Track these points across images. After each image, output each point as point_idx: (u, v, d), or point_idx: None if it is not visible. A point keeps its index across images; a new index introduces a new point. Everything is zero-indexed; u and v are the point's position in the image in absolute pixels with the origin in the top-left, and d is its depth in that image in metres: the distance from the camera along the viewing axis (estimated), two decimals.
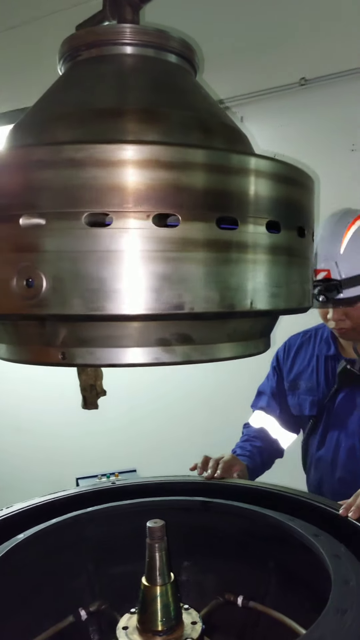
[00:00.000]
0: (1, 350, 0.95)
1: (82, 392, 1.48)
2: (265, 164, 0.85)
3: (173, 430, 3.81)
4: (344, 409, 2.35)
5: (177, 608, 1.39)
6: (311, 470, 2.51)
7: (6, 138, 0.97)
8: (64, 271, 0.76)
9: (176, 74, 1.02)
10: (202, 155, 0.78)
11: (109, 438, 3.93)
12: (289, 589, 1.64)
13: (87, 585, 1.74)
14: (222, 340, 0.89)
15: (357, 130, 3.22)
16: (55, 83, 1.03)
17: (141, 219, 0.74)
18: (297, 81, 3.21)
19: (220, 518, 1.82)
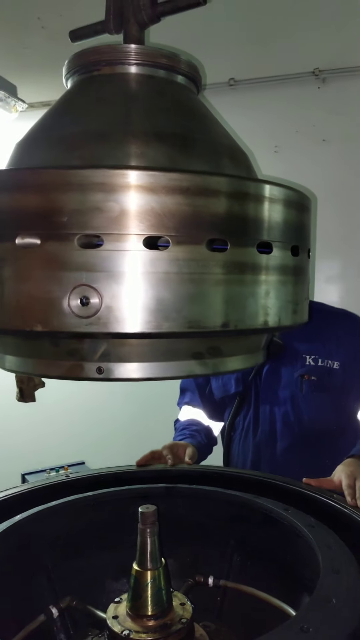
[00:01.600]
0: (31, 365, 0.96)
1: (18, 384, 1.49)
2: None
3: (117, 422, 3.84)
4: (272, 380, 2.51)
5: (169, 592, 1.45)
6: (245, 451, 2.61)
7: (27, 150, 0.98)
8: (121, 291, 0.81)
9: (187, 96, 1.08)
10: (253, 186, 0.86)
11: (52, 431, 3.87)
12: (255, 565, 1.76)
13: (48, 583, 1.73)
14: (242, 352, 0.98)
15: (280, 132, 3.42)
16: (74, 97, 1.05)
17: (197, 244, 0.80)
18: (226, 81, 3.32)
19: (183, 502, 1.91)
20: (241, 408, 2.58)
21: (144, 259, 0.81)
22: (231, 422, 2.62)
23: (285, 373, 2.50)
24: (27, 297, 0.83)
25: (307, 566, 1.48)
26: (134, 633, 1.36)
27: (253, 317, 0.90)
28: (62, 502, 1.80)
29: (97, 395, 3.76)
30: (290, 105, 3.43)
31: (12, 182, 0.84)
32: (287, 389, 2.48)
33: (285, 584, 1.63)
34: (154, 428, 3.06)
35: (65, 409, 3.73)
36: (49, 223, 0.80)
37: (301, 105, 3.41)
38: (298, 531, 1.55)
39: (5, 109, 3.27)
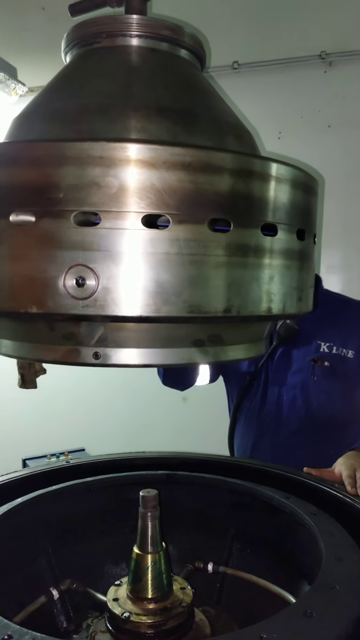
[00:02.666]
0: (27, 349, 0.94)
1: (20, 370, 1.47)
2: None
3: (118, 409, 3.84)
4: (283, 364, 2.50)
5: (169, 575, 1.44)
6: (248, 433, 2.61)
7: (25, 124, 0.95)
8: (119, 272, 0.78)
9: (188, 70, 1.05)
10: (258, 164, 0.83)
11: (53, 418, 3.87)
12: (255, 552, 1.76)
13: (48, 566, 1.74)
14: (244, 341, 0.95)
15: (284, 118, 3.36)
16: (73, 70, 1.02)
17: (198, 223, 0.77)
18: (229, 64, 3.26)
19: (184, 489, 1.90)
20: (250, 388, 2.56)
21: (143, 238, 0.78)
22: (238, 402, 2.60)
23: (297, 357, 2.48)
24: (21, 277, 0.80)
25: (308, 554, 1.48)
26: (134, 615, 1.36)
27: (256, 303, 0.87)
28: (62, 487, 1.80)
29: (97, 383, 3.76)
30: (295, 90, 3.37)
31: (5, 156, 0.81)
32: (298, 373, 2.46)
33: (285, 572, 1.62)
34: (154, 416, 3.06)
35: (66, 396, 3.73)
36: (44, 199, 0.77)
37: (306, 90, 3.35)
38: (299, 519, 1.54)
39: (5, 91, 3.21)
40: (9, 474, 1.88)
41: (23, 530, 1.65)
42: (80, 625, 1.55)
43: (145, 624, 1.35)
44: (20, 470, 1.97)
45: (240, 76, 3.32)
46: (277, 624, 1.06)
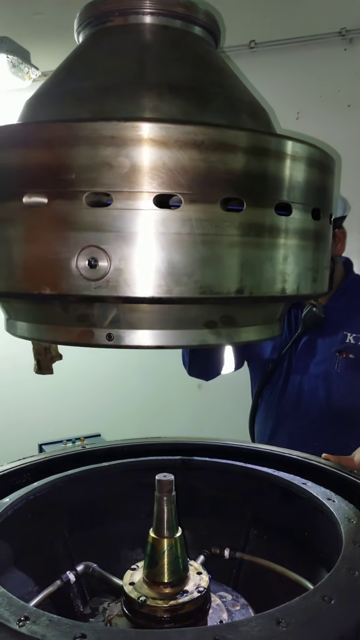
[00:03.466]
0: (41, 330, 0.94)
1: (36, 356, 1.47)
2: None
3: (133, 395, 3.85)
4: (307, 353, 2.47)
5: (185, 560, 1.44)
6: (267, 420, 2.61)
7: (37, 106, 0.94)
8: (131, 253, 0.76)
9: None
10: (272, 142, 0.80)
11: (69, 404, 3.90)
12: (272, 538, 1.75)
13: (64, 551, 1.75)
14: (258, 322, 0.93)
15: (302, 98, 3.29)
16: (85, 50, 1.00)
17: (211, 203, 0.75)
18: (246, 44, 3.20)
19: (200, 474, 1.89)
20: (272, 376, 2.55)
21: (155, 218, 0.76)
22: (259, 389, 2.59)
23: (322, 347, 2.45)
24: (34, 258, 0.80)
25: (326, 540, 1.46)
26: (151, 600, 1.36)
27: (270, 284, 0.85)
28: (78, 472, 1.81)
29: (113, 369, 3.77)
30: (314, 69, 3.30)
31: (18, 138, 0.80)
32: (321, 363, 2.44)
33: (302, 558, 1.61)
34: (169, 401, 3.05)
35: (82, 382, 3.74)
36: (56, 180, 0.76)
37: (325, 69, 3.27)
38: (317, 505, 1.52)
39: (19, 75, 3.20)
40: (25, 459, 1.89)
41: (40, 514, 1.66)
42: (96, 609, 1.56)
43: (161, 608, 1.35)
44: (37, 455, 1.98)
45: (257, 56, 3.25)
46: (295, 609, 1.05)
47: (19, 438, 3.48)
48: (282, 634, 0.98)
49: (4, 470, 1.77)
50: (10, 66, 3.20)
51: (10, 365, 3.80)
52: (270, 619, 1.03)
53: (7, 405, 4.23)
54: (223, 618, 1.45)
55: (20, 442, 3.05)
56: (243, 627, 1.02)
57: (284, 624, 1.01)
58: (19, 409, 4.17)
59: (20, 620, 1.02)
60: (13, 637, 0.99)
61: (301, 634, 0.99)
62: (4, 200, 0.81)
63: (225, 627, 1.02)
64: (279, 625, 1.01)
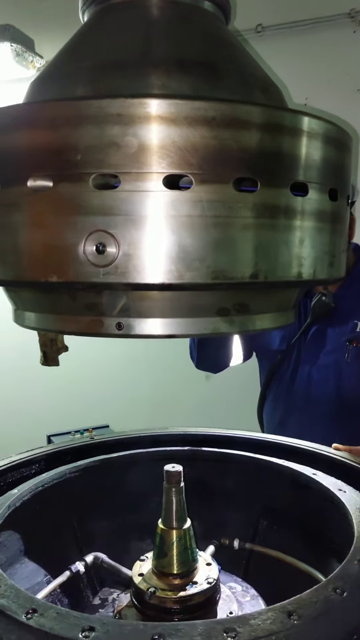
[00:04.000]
0: (49, 320, 0.91)
1: (42, 348, 1.45)
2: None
3: (141, 386, 3.83)
4: (317, 342, 2.42)
5: (195, 551, 1.43)
6: (275, 410, 2.57)
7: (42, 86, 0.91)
8: (140, 237, 0.73)
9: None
10: (286, 117, 0.77)
11: (77, 395, 3.89)
12: (282, 529, 1.73)
13: (74, 541, 1.75)
14: (272, 310, 0.90)
15: (310, 83, 3.24)
16: (90, 28, 0.97)
17: (223, 183, 0.72)
18: (253, 28, 3.14)
19: (208, 465, 1.88)
20: (281, 366, 2.51)
21: (164, 200, 0.73)
22: (267, 380, 2.56)
23: (332, 337, 2.40)
24: (40, 245, 0.77)
25: (337, 531, 1.44)
26: (160, 591, 1.35)
27: (285, 268, 0.82)
28: (87, 463, 1.80)
29: (121, 360, 3.75)
30: (322, 53, 3.22)
31: (20, 118, 0.77)
32: (332, 353, 2.39)
33: (313, 549, 1.60)
34: (177, 392, 3.04)
35: (89, 373, 3.73)
36: (61, 162, 0.73)
37: (334, 52, 3.20)
38: (328, 495, 1.50)
39: (23, 64, 3.16)
40: (34, 450, 1.88)
41: (49, 505, 1.65)
42: (105, 599, 1.55)
43: (171, 599, 1.34)
44: (45, 446, 1.98)
45: (265, 40, 3.19)
46: (307, 602, 1.03)
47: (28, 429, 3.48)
48: (294, 627, 0.97)
49: (13, 462, 1.76)
50: (15, 55, 3.16)
51: (18, 357, 3.79)
52: (281, 612, 1.01)
53: (16, 396, 4.23)
54: (233, 609, 1.43)
55: (28, 434, 3.05)
56: (254, 619, 1.00)
57: (295, 616, 0.99)
58: (27, 401, 4.17)
59: (28, 612, 1.01)
60: (20, 629, 0.98)
61: (313, 627, 0.97)
62: (8, 184, 0.78)
63: (235, 620, 1.00)
64: (291, 618, 0.99)
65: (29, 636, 0.97)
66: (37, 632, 0.97)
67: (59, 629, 0.97)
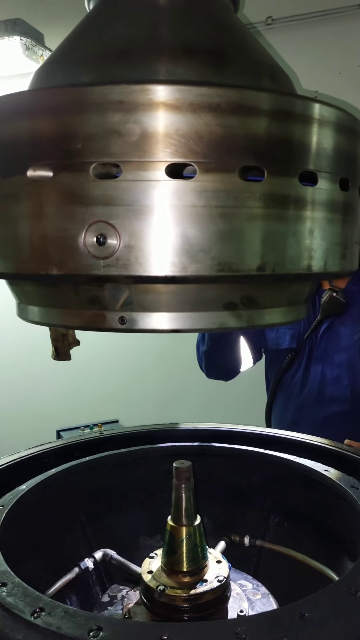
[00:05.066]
0: (52, 315, 0.90)
1: (54, 343, 1.44)
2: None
3: (150, 381, 3.82)
4: (328, 340, 2.37)
5: (204, 548, 1.41)
6: (286, 409, 2.53)
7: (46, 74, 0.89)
8: (142, 228, 0.71)
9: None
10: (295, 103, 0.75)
11: (87, 390, 3.89)
12: (293, 526, 1.71)
13: (83, 537, 1.74)
14: (282, 304, 0.88)
15: (321, 75, 3.19)
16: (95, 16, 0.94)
17: (228, 172, 0.70)
18: (263, 20, 3.11)
19: (218, 460, 1.86)
20: (292, 365, 2.47)
21: (168, 190, 0.71)
22: (278, 378, 2.51)
23: (344, 334, 2.34)
24: (40, 236, 0.75)
25: (350, 528, 1.43)
26: (169, 589, 1.33)
27: (294, 260, 0.79)
28: (96, 458, 1.79)
29: (131, 355, 3.74)
30: (333, 45, 3.18)
31: (19, 107, 0.75)
32: (344, 351, 2.33)
33: (324, 546, 1.58)
34: (186, 388, 3.02)
35: (99, 368, 3.72)
36: (61, 151, 0.71)
37: (345, 44, 3.16)
38: (340, 492, 1.48)
39: (32, 58, 3.14)
40: (43, 445, 1.87)
41: (58, 501, 1.65)
42: (114, 597, 1.54)
43: (180, 597, 1.32)
44: (55, 441, 1.97)
45: (274, 32, 3.15)
46: (320, 602, 1.01)
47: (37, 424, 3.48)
48: (307, 628, 0.94)
49: (22, 457, 1.75)
50: (24, 49, 3.15)
51: (28, 351, 3.80)
52: (294, 612, 0.99)
53: (25, 391, 4.25)
54: (243, 607, 1.41)
55: (38, 429, 3.05)
56: (266, 619, 0.98)
57: (308, 617, 0.97)
58: (36, 396, 4.18)
59: (35, 611, 1.00)
60: (27, 628, 0.97)
61: (326, 628, 0.95)
62: (7, 174, 0.77)
63: (247, 620, 0.97)
64: (303, 618, 0.97)
65: (36, 635, 0.95)
66: (45, 631, 0.95)
67: (67, 629, 0.96)
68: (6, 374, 4.32)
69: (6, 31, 3.05)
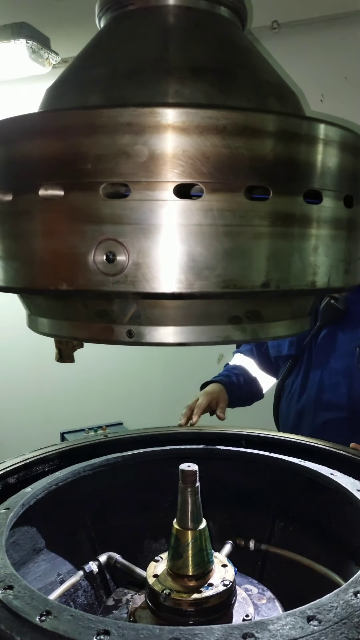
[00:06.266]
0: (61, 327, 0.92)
1: (57, 345, 1.45)
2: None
3: (155, 384, 3.84)
4: (327, 347, 2.38)
5: (210, 552, 1.41)
6: (288, 414, 2.56)
7: (57, 94, 0.91)
8: (150, 246, 0.73)
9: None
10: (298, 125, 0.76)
11: (91, 392, 3.90)
12: (298, 530, 1.72)
13: (87, 540, 1.76)
14: (286, 317, 0.89)
15: (326, 80, 3.20)
16: (105, 36, 0.96)
17: (234, 192, 0.71)
18: (268, 25, 3.12)
19: (224, 464, 1.87)
20: (292, 371, 2.50)
21: (175, 209, 0.73)
22: (281, 383, 2.55)
23: (342, 341, 2.35)
24: (51, 253, 0.78)
25: (355, 533, 1.43)
26: (175, 593, 1.34)
27: (298, 277, 0.81)
28: (101, 461, 1.80)
29: (136, 357, 3.76)
30: (338, 49, 3.18)
31: (31, 128, 0.77)
32: (342, 358, 2.34)
33: (330, 551, 1.58)
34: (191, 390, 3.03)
35: (103, 370, 3.74)
36: (72, 171, 0.73)
37: (350, 49, 3.16)
38: (346, 496, 1.48)
39: (39, 62, 3.16)
40: (47, 448, 1.89)
41: (63, 504, 1.66)
42: (120, 600, 1.55)
43: (186, 601, 1.33)
44: (59, 444, 1.99)
45: (280, 37, 3.15)
46: (327, 606, 1.02)
47: (42, 427, 3.51)
48: (314, 632, 0.96)
49: (27, 459, 1.77)
50: (30, 52, 3.17)
51: (33, 354, 3.82)
52: (301, 617, 1.00)
53: (30, 394, 4.26)
54: (249, 612, 1.42)
55: (42, 431, 3.07)
56: (273, 625, 0.99)
57: (315, 622, 0.98)
58: (41, 398, 4.20)
59: (42, 615, 1.01)
60: (34, 632, 0.98)
61: (334, 632, 0.96)
62: (20, 192, 0.79)
63: (254, 625, 0.99)
64: (310, 623, 0.98)
65: (43, 639, 0.97)
66: (51, 634, 0.97)
67: (73, 632, 0.97)
68: (11, 376, 4.34)
69: (12, 35, 3.07)
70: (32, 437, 2.94)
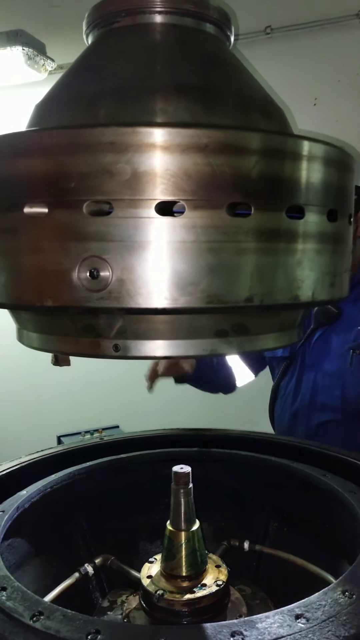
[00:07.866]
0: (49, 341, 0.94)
1: None
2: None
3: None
4: (321, 349, 2.40)
5: (204, 553, 1.43)
6: (283, 416, 2.57)
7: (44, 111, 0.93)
8: (133, 263, 0.75)
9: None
10: (280, 141, 0.78)
11: (88, 395, 3.91)
12: (292, 531, 1.74)
13: (83, 543, 1.77)
14: (273, 330, 0.91)
15: (319, 83, 3.22)
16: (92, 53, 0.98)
17: (216, 208, 0.73)
18: (262, 30, 3.14)
19: (218, 465, 1.89)
20: (287, 372, 2.51)
21: (158, 226, 0.75)
22: (276, 385, 2.57)
23: (336, 343, 2.37)
24: (36, 270, 0.80)
25: (348, 533, 1.44)
26: (168, 593, 1.36)
27: (282, 291, 0.83)
28: (96, 463, 1.82)
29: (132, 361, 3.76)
30: (332, 53, 3.21)
31: (15, 146, 0.79)
32: (335, 360, 2.36)
33: (324, 551, 1.59)
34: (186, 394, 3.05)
35: (99, 373, 3.75)
36: (56, 189, 0.75)
37: (343, 53, 3.18)
38: (339, 497, 1.50)
39: (34, 68, 3.19)
40: (43, 451, 1.91)
41: (58, 506, 1.68)
42: (114, 601, 1.57)
43: (179, 602, 1.34)
44: (55, 447, 2.00)
45: (273, 42, 3.17)
46: (315, 605, 1.04)
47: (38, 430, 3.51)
48: (302, 630, 0.97)
49: (23, 463, 1.78)
50: (26, 59, 3.19)
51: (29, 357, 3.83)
52: (289, 615, 1.01)
53: (26, 397, 4.27)
54: (242, 612, 1.44)
55: (38, 434, 3.08)
56: (261, 622, 1.01)
57: (303, 620, 1.00)
58: (37, 401, 4.20)
59: (34, 615, 1.03)
60: (26, 632, 0.99)
61: (321, 630, 0.97)
62: (5, 209, 0.81)
63: (242, 623, 1.01)
64: (298, 621, 1.00)
65: (35, 639, 0.98)
66: (43, 634, 0.98)
67: (65, 632, 0.99)
68: (7, 379, 4.35)
69: (8, 42, 3.09)
70: (29, 440, 2.96)
